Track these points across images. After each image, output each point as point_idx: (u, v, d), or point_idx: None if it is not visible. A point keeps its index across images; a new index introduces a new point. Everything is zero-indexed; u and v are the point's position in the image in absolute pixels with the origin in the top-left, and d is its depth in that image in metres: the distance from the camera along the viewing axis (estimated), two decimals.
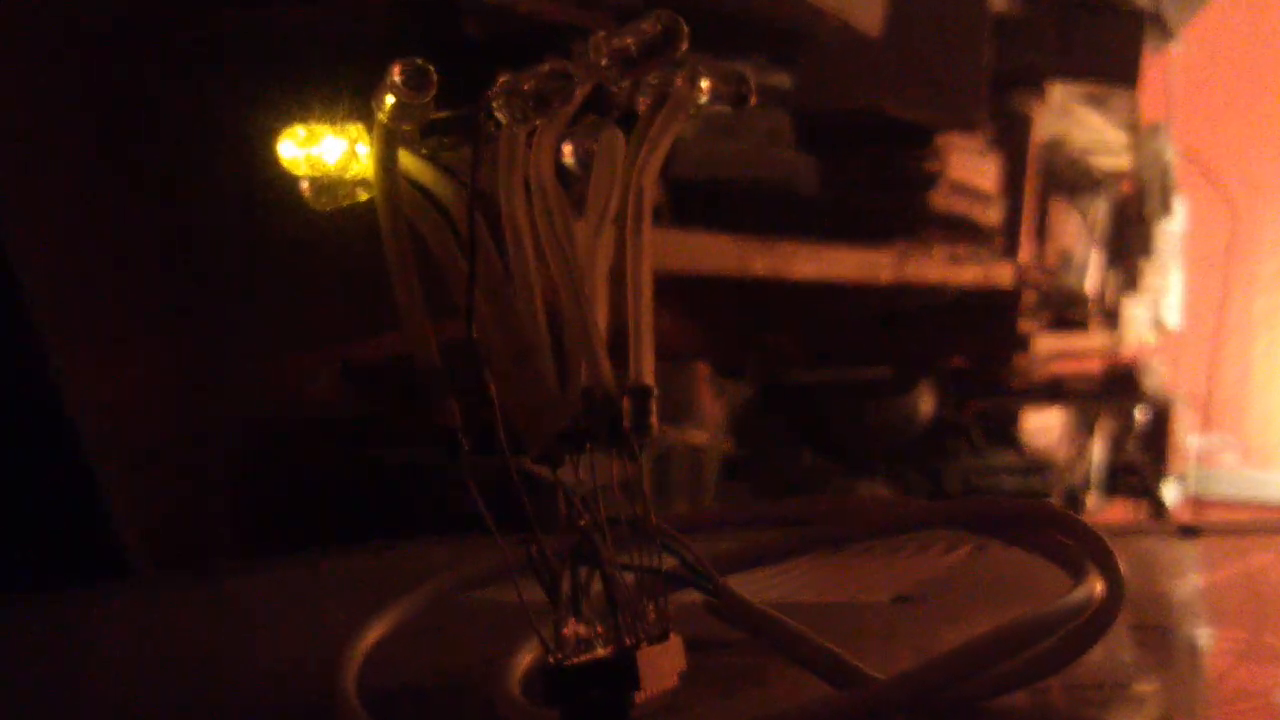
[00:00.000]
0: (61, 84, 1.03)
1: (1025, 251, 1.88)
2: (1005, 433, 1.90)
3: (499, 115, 0.39)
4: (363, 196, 0.41)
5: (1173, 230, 2.47)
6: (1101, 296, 2.21)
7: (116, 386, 1.04)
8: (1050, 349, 2.09)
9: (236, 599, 0.70)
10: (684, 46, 0.39)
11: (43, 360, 0.90)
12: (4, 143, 0.99)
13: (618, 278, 0.39)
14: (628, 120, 0.41)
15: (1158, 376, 2.33)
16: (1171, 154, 2.39)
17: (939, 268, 1.62)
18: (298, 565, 0.77)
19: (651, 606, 0.38)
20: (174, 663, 0.55)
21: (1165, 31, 2.21)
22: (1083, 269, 2.16)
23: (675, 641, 0.38)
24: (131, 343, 1.07)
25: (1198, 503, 2.48)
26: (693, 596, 0.42)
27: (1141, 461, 2.29)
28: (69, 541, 0.89)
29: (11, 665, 0.56)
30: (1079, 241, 2.13)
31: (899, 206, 1.53)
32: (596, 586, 0.38)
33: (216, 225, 1.07)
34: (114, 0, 1.05)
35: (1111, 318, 2.22)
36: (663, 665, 0.37)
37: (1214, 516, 2.65)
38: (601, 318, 0.39)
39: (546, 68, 0.39)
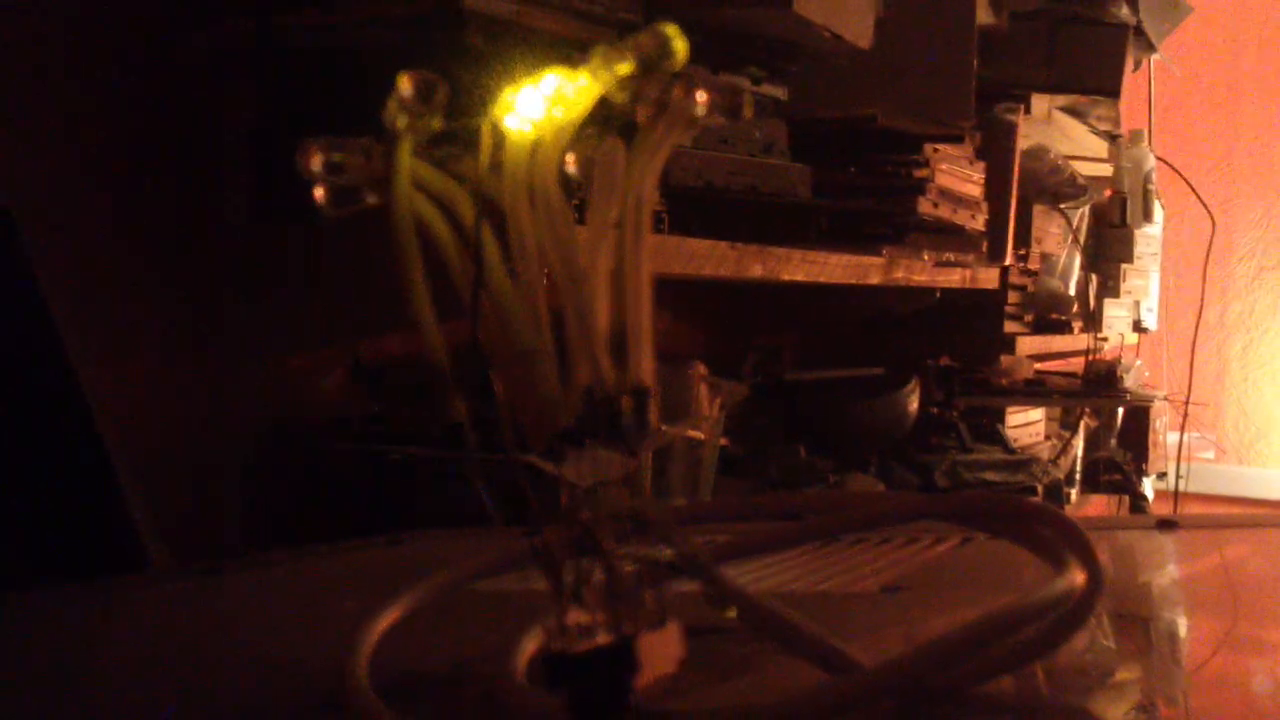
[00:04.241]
0: (79, 89, 1.04)
1: (1010, 256, 1.89)
2: (991, 430, 1.91)
3: (503, 126, 0.41)
4: (373, 202, 0.42)
5: (1152, 235, 2.49)
6: (1083, 299, 2.22)
7: (134, 387, 1.05)
8: (1034, 349, 2.10)
9: (248, 592, 0.70)
10: (681, 60, 0.40)
11: (65, 362, 0.91)
12: (23, 150, 0.99)
13: (618, 281, 0.41)
14: (628, 130, 0.42)
15: (1137, 376, 2.34)
16: (1151, 161, 2.41)
17: (927, 271, 1.63)
18: (308, 559, 0.78)
19: (650, 595, 0.39)
20: (187, 654, 0.55)
21: (1146, 44, 2.22)
22: (1065, 273, 2.18)
23: (673, 629, 0.39)
24: (148, 345, 1.08)
25: (1176, 497, 2.49)
26: (691, 586, 0.43)
27: (1122, 458, 2.31)
28: (90, 536, 0.89)
29: (28, 656, 0.56)
30: (1062, 246, 2.15)
31: (889, 212, 1.54)
32: (598, 576, 0.39)
33: (230, 228, 1.08)
34: (132, 6, 1.06)
35: (1093, 319, 2.24)
36: (661, 652, 0.38)
37: (1192, 510, 2.67)
38: (602, 320, 0.40)
39: (548, 81, 0.41)
